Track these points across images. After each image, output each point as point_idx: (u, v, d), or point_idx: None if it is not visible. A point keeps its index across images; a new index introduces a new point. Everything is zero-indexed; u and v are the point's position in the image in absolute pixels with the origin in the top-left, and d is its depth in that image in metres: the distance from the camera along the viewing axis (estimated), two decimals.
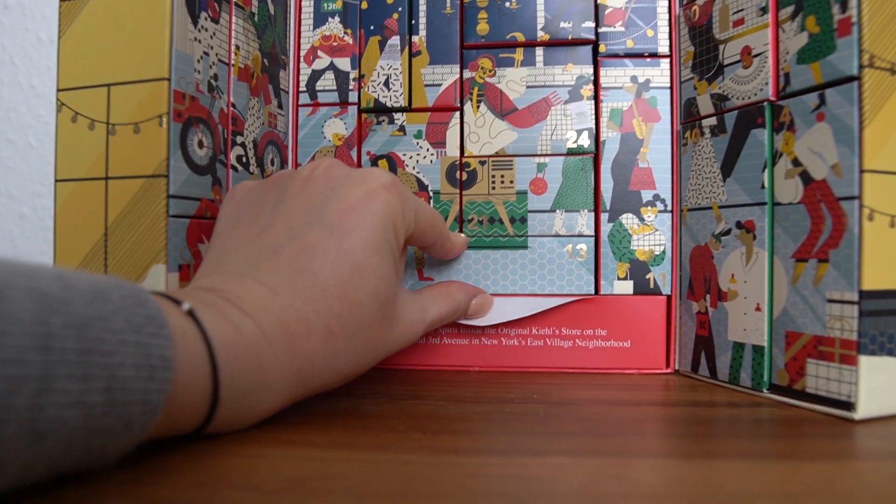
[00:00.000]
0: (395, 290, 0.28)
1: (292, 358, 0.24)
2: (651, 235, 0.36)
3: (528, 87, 0.38)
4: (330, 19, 0.39)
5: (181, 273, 0.31)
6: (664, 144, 0.36)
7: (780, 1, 0.30)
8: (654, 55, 0.37)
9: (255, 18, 0.36)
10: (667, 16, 0.37)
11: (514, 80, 0.38)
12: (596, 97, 0.37)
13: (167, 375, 0.18)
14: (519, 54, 0.38)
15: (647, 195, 0.36)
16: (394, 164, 0.38)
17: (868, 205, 0.26)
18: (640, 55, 0.37)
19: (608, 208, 0.37)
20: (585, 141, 0.37)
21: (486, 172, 0.37)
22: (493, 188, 0.37)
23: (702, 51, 0.35)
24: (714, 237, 0.33)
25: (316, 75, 0.39)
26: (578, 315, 0.37)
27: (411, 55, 0.38)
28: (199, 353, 0.20)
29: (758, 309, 0.31)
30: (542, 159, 0.37)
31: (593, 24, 0.37)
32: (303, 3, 0.40)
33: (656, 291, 0.36)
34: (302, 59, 0.40)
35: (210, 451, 0.22)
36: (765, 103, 0.30)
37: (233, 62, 0.34)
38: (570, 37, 0.37)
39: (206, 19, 0.32)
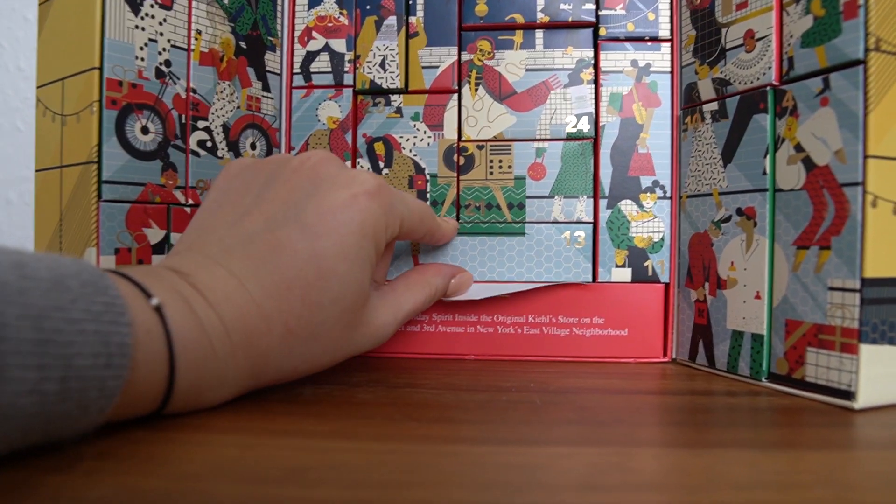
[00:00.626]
0: (363, 297, 0.27)
1: (249, 353, 0.24)
2: (650, 222, 0.36)
3: (527, 70, 0.37)
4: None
5: (118, 256, 0.31)
6: (664, 130, 0.36)
7: None
8: (655, 39, 0.37)
9: (225, 1, 0.36)
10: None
11: (513, 63, 0.37)
12: (596, 81, 0.37)
13: (124, 362, 0.19)
14: (518, 37, 0.37)
15: (646, 181, 0.36)
16: (390, 146, 0.38)
17: (872, 191, 0.26)
18: (640, 39, 0.37)
19: (607, 194, 0.36)
20: (585, 126, 0.36)
21: (484, 157, 0.37)
22: (491, 173, 0.37)
23: (704, 35, 0.34)
24: (714, 224, 0.33)
25: (310, 57, 0.39)
26: (575, 303, 0.36)
27: (408, 36, 0.38)
28: (159, 351, 0.21)
29: (757, 297, 0.30)
30: (541, 144, 0.36)
31: (594, 7, 0.37)
32: None
33: (654, 279, 0.36)
34: (296, 40, 0.39)
35: (203, 441, 0.22)
36: (767, 88, 0.30)
37: (193, 47, 0.34)
38: (570, 19, 0.37)
39: (151, 6, 0.32)
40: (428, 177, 0.37)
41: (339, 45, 0.38)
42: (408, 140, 0.37)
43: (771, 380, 0.30)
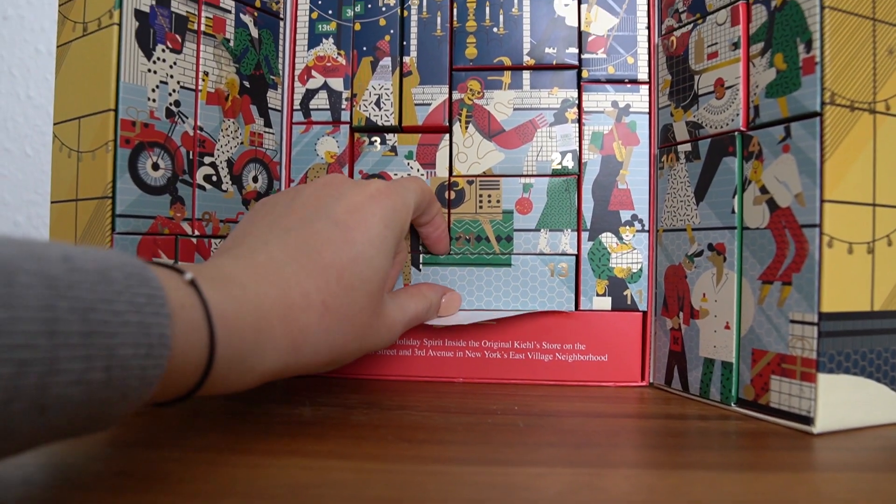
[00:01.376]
0: (384, 286, 0.30)
1: (288, 328, 0.25)
2: (629, 254, 0.38)
3: (514, 109, 0.39)
4: (324, 40, 0.41)
5: None
6: (642, 167, 0.38)
7: (751, 37, 0.32)
8: (634, 81, 0.39)
9: (231, 44, 0.38)
10: (646, 44, 0.39)
11: (501, 103, 0.39)
12: (579, 120, 0.39)
13: (164, 352, 0.19)
14: (507, 77, 0.40)
15: (625, 215, 0.38)
16: None
17: (828, 232, 0.28)
18: (620, 81, 0.39)
19: (588, 227, 0.38)
20: (570, 162, 0.39)
21: (474, 192, 0.39)
22: (481, 207, 0.39)
23: (678, 80, 0.36)
24: (687, 257, 0.35)
25: (310, 94, 0.41)
26: (559, 330, 0.38)
27: (402, 75, 0.40)
28: (197, 323, 0.21)
29: (727, 327, 0.32)
30: (527, 180, 0.39)
31: (577, 51, 0.39)
32: (297, 25, 0.41)
33: (633, 307, 0.38)
34: (296, 78, 0.41)
35: (209, 461, 0.24)
36: (736, 133, 0.32)
37: (200, 87, 0.36)
38: (554, 62, 0.39)
39: (163, 51, 0.34)
40: None
41: (336, 83, 0.41)
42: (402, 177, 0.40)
43: (739, 405, 0.32)
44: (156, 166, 0.34)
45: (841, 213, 0.28)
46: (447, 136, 0.40)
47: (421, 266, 0.39)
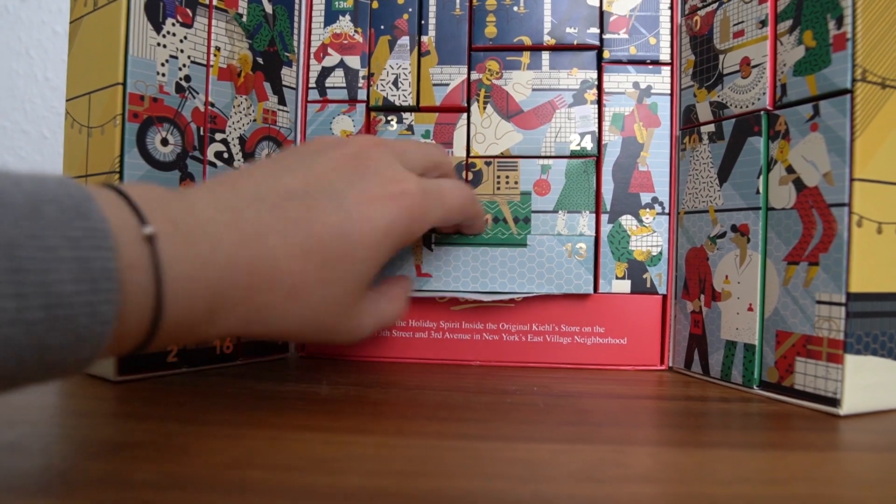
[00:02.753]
0: (362, 290, 0.28)
1: (247, 304, 0.24)
2: (649, 237, 0.38)
3: (533, 89, 0.39)
4: (341, 17, 0.41)
5: None
6: (664, 149, 0.38)
7: (779, 15, 0.31)
8: (656, 62, 0.38)
9: (244, 19, 0.38)
10: (669, 25, 0.38)
11: (520, 83, 0.39)
12: (599, 101, 0.39)
13: (112, 286, 0.18)
14: (525, 57, 0.39)
15: (645, 198, 0.38)
16: None
17: (857, 212, 0.27)
18: (642, 62, 0.38)
19: (608, 209, 0.38)
20: (588, 144, 0.38)
21: (492, 173, 0.39)
22: (499, 188, 0.38)
23: (702, 59, 0.36)
24: (710, 239, 0.35)
25: (326, 72, 0.41)
26: (577, 312, 0.38)
27: (420, 55, 0.40)
28: (145, 285, 0.20)
29: (750, 309, 0.32)
30: (546, 161, 0.38)
31: (598, 31, 0.38)
32: (314, 1, 0.41)
33: (653, 291, 0.38)
34: (312, 55, 0.41)
35: (230, 434, 0.23)
36: (762, 112, 0.32)
37: (212, 63, 0.36)
38: (575, 42, 0.39)
39: (173, 25, 0.34)
40: None
41: (353, 61, 0.40)
42: None
43: (762, 387, 0.31)
44: (165, 142, 0.34)
45: (871, 192, 0.28)
46: (465, 115, 0.39)
47: (433, 246, 0.38)
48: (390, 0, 0.40)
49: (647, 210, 0.38)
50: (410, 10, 0.40)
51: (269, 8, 0.39)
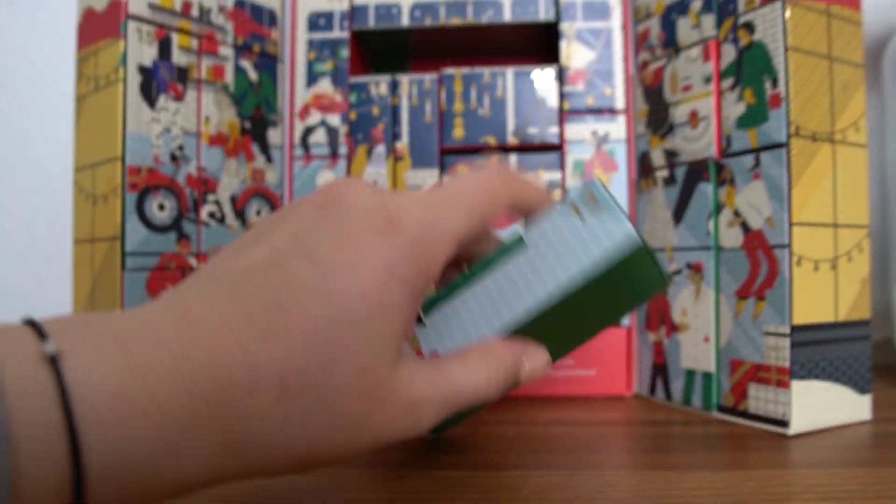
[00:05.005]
0: (390, 356, 0.20)
1: (220, 417, 0.17)
2: None
3: None
4: (321, 79, 0.43)
5: None
6: (622, 192, 0.41)
7: (722, 73, 0.35)
8: (612, 111, 0.42)
9: (231, 89, 0.41)
10: (622, 76, 0.42)
11: None
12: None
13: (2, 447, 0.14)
14: (494, 160, 0.42)
15: None
16: None
17: (796, 252, 0.31)
18: (599, 111, 0.42)
19: None
20: None
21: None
22: None
23: (654, 110, 0.39)
24: None
25: (309, 130, 0.43)
26: None
27: (395, 160, 0.43)
28: (48, 416, 0.15)
29: (706, 340, 0.35)
30: None
31: (558, 130, 0.42)
32: (296, 66, 0.44)
33: (618, 324, 0.41)
34: (296, 115, 0.43)
35: None
36: (710, 161, 0.35)
37: (202, 131, 0.39)
38: (536, 141, 0.42)
39: (166, 100, 0.37)
40: None
41: (333, 119, 0.43)
42: None
43: (720, 411, 0.35)
44: (161, 207, 0.36)
45: (807, 234, 0.31)
46: None
47: (424, 318, 0.28)
48: (367, 112, 0.43)
49: None
50: (385, 119, 0.43)
51: (253, 76, 0.42)
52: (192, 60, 0.38)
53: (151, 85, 0.36)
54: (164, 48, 0.37)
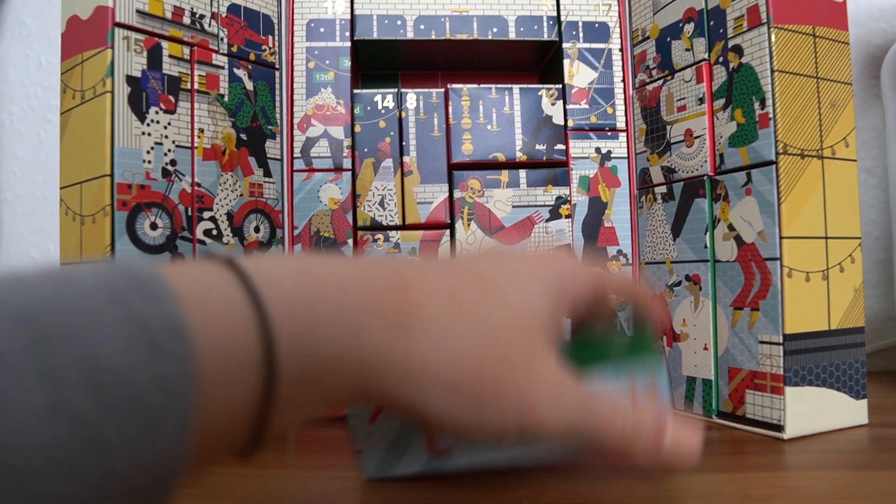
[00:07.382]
0: (541, 333, 0.21)
1: (396, 299, 0.19)
2: None
3: (513, 206, 0.43)
4: (322, 90, 0.43)
5: None
6: (625, 206, 0.43)
7: (714, 94, 0.37)
8: (614, 129, 0.44)
9: (226, 99, 0.39)
10: (623, 96, 0.44)
11: (500, 200, 0.43)
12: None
13: (182, 343, 0.14)
14: (504, 176, 0.43)
15: (612, 250, 0.43)
16: None
17: (787, 264, 0.32)
18: (601, 129, 0.44)
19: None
20: None
21: None
22: None
23: (652, 129, 0.41)
24: (668, 287, 0.39)
25: (310, 142, 0.43)
26: None
27: (403, 174, 0.43)
28: (232, 301, 0.16)
29: (705, 348, 0.37)
30: None
31: (564, 147, 0.43)
32: (295, 75, 0.43)
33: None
34: (296, 126, 0.43)
35: (261, 474, 0.27)
36: (705, 177, 0.37)
37: (196, 145, 0.37)
38: (544, 157, 0.43)
39: (157, 112, 0.35)
40: None
41: (336, 131, 0.43)
42: None
43: (719, 416, 0.36)
44: (154, 226, 0.35)
45: (797, 247, 0.33)
46: (447, 231, 0.43)
47: None
48: (372, 125, 0.43)
49: (614, 261, 0.42)
50: (392, 133, 0.43)
51: (249, 85, 0.41)
52: (184, 70, 0.37)
53: (141, 96, 0.35)
54: (154, 57, 0.35)
